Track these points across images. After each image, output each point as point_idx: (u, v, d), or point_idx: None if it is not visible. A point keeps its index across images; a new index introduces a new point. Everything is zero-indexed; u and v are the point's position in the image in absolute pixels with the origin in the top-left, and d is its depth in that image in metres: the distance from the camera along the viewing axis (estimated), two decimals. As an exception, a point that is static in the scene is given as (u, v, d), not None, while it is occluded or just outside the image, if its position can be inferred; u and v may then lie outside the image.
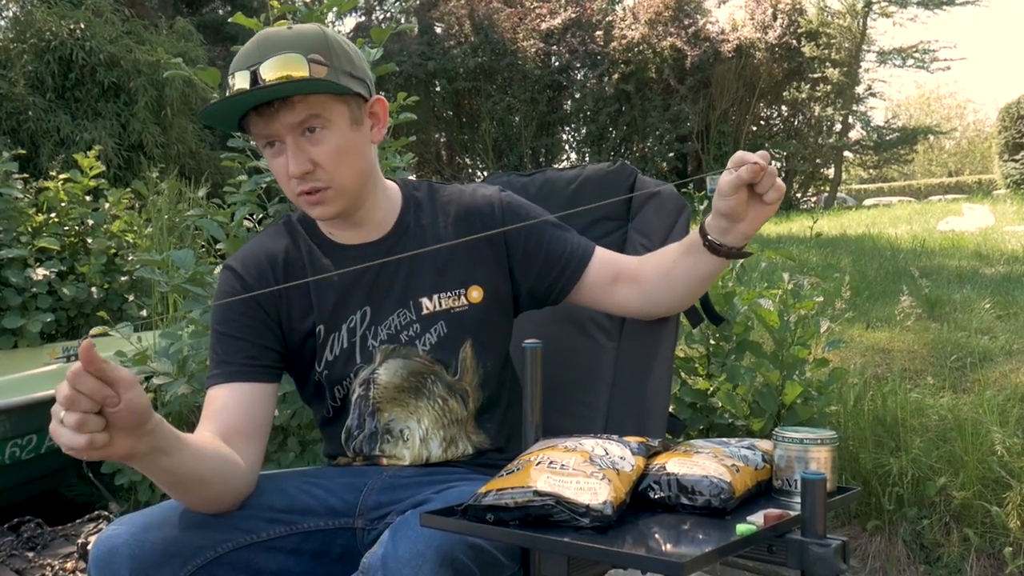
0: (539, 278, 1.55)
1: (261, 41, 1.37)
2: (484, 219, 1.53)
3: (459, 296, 1.51)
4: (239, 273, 1.50)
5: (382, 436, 1.50)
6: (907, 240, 8.34)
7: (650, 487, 1.14)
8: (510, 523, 1.05)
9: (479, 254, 1.52)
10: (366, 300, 1.49)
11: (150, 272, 2.86)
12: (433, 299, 1.50)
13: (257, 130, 1.39)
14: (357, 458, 1.53)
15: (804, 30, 19.97)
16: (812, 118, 21.13)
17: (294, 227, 1.55)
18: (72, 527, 3.36)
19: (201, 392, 2.81)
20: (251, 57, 1.36)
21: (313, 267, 1.50)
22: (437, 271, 1.51)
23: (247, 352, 1.43)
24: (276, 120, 1.36)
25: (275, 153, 1.40)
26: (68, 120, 10.24)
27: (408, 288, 1.50)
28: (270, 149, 1.41)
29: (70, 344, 4.57)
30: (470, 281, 1.51)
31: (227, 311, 1.46)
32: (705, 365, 2.74)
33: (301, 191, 1.41)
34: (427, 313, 1.49)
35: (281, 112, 1.35)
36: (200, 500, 1.28)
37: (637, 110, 19.39)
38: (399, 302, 1.49)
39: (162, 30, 12.12)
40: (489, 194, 1.57)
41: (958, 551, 2.51)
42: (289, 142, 1.38)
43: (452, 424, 1.51)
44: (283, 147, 1.39)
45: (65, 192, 5.37)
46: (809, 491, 1.00)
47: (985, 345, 3.65)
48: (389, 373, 1.48)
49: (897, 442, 2.73)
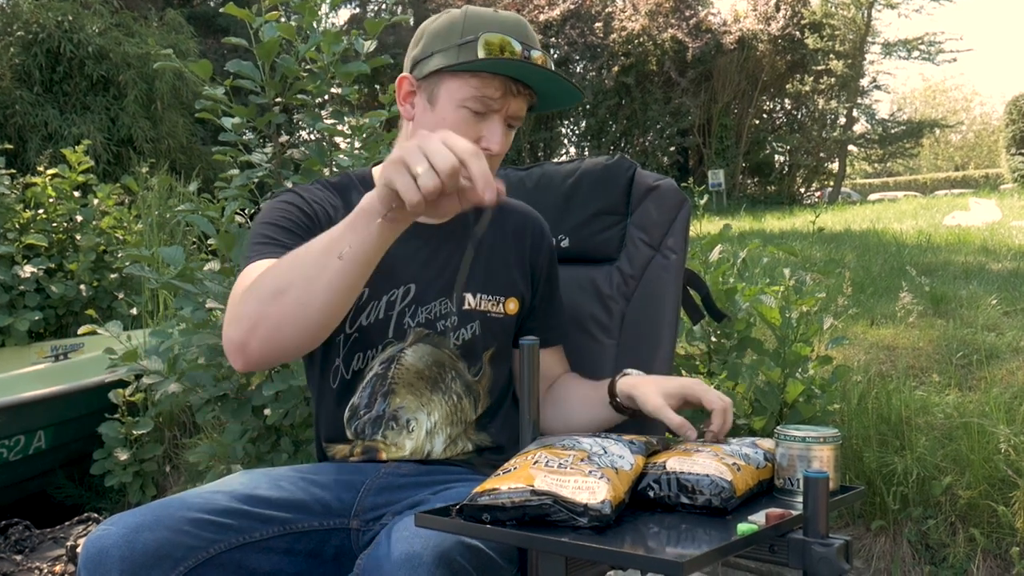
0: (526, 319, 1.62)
1: (519, 23, 1.46)
2: (535, 241, 1.64)
3: (498, 303, 1.56)
4: (302, 195, 1.51)
5: (387, 422, 1.50)
6: (912, 235, 8.35)
7: (649, 486, 1.14)
8: (507, 523, 1.05)
9: (523, 270, 1.60)
10: (413, 278, 1.51)
11: (140, 269, 2.86)
12: (476, 297, 1.54)
13: (489, 93, 1.42)
14: (356, 442, 1.53)
15: (808, 21, 19.99)
16: (816, 111, 21.17)
17: (353, 186, 1.57)
18: (61, 529, 3.37)
19: (192, 390, 2.81)
20: (524, 34, 1.44)
21: None
22: (486, 272, 1.55)
23: (302, 240, 1.32)
24: (510, 99, 1.43)
25: (476, 119, 1.43)
26: (56, 114, 10.23)
27: (456, 279, 1.53)
28: (472, 113, 1.43)
29: (58, 343, 4.57)
30: (511, 292, 1.57)
31: (285, 213, 1.47)
32: (706, 363, 2.74)
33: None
34: (467, 309, 1.53)
35: (520, 97, 1.44)
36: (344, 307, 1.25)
37: (637, 103, 19.40)
38: (443, 291, 1.52)
39: (152, 22, 12.09)
40: (547, 232, 1.68)
41: (964, 552, 2.51)
42: (500, 121, 1.44)
43: (459, 423, 1.52)
44: (486, 119, 1.44)
45: (53, 188, 5.37)
46: (812, 490, 1.00)
47: (991, 342, 3.66)
48: (415, 357, 1.50)
49: (902, 441, 2.73)
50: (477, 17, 1.44)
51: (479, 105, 1.42)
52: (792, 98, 21.17)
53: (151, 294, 4.58)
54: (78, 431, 3.92)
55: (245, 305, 1.25)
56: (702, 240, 2.87)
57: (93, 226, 5.31)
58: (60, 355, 4.35)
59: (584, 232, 1.84)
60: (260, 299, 1.23)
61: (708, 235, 2.91)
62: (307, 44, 2.71)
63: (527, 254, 1.62)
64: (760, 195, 21.14)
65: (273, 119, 2.75)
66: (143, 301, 4.65)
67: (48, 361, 4.31)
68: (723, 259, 2.83)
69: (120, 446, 3.73)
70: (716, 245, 2.82)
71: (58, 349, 4.40)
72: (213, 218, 2.82)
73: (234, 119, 2.73)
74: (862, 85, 21.95)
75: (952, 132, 46.42)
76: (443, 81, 1.44)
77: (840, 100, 20.73)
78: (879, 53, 22.74)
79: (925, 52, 22.46)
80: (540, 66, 1.41)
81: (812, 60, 20.20)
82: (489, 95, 1.42)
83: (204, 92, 2.70)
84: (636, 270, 1.79)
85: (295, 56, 2.75)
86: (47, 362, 4.30)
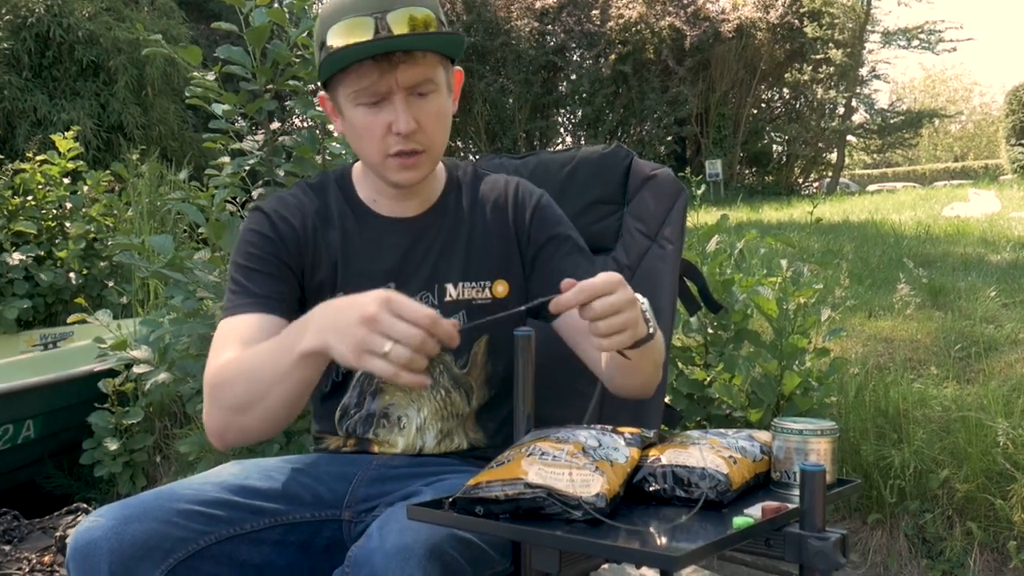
0: (538, 292, 1.51)
1: None
2: (516, 209, 1.55)
3: (484, 288, 1.51)
4: (268, 214, 1.49)
5: (378, 420, 1.50)
6: (911, 227, 8.35)
7: (645, 479, 1.14)
8: (500, 516, 1.05)
9: (508, 247, 1.53)
10: (392, 275, 1.48)
11: (130, 257, 2.85)
12: (458, 287, 1.50)
13: (366, 83, 1.35)
14: (348, 440, 1.53)
15: (807, 9, 19.93)
16: (814, 101, 21.13)
17: (330, 186, 1.55)
18: (50, 519, 3.36)
19: (183, 380, 2.80)
20: (372, 4, 1.33)
21: (343, 230, 1.50)
22: (467, 258, 1.51)
23: (275, 287, 1.43)
24: (394, 74, 1.34)
25: (374, 110, 1.38)
26: (45, 100, 10.17)
27: (435, 271, 1.50)
28: (368, 107, 1.38)
29: (47, 331, 4.57)
30: (497, 274, 1.52)
31: (252, 246, 1.46)
32: (703, 355, 2.75)
33: (398, 151, 1.39)
34: (449, 300, 1.49)
35: (402, 66, 1.34)
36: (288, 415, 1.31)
37: (634, 92, 19.33)
38: (424, 284, 1.49)
39: (143, 7, 12.02)
40: (529, 192, 1.57)
41: (961, 545, 2.52)
42: (400, 98, 1.36)
43: (451, 417, 1.51)
44: (386, 104, 1.37)
45: (42, 174, 5.35)
46: (808, 483, 1.00)
47: (990, 334, 3.66)
48: None
49: (899, 433, 2.74)
50: (328, 9, 1.38)
51: (367, 96, 1.37)
52: (791, 87, 21.11)
53: (141, 282, 4.56)
54: (67, 420, 3.92)
55: (214, 405, 1.32)
56: (699, 230, 2.86)
57: (83, 213, 5.30)
58: (49, 344, 4.34)
59: (580, 222, 1.83)
60: (224, 409, 1.31)
61: (705, 225, 2.90)
62: (298, 29, 2.69)
63: (511, 227, 1.54)
64: (758, 185, 21.12)
65: (264, 106, 2.74)
66: (133, 290, 4.64)
67: (37, 350, 4.31)
68: (720, 250, 2.83)
69: (110, 436, 3.73)
70: (713, 235, 2.82)
71: (47, 337, 4.40)
72: (203, 206, 2.81)
73: (224, 106, 2.72)
74: (861, 74, 21.91)
75: (952, 122, 46.44)
76: (336, 88, 1.41)
77: (839, 90, 20.69)
78: (879, 42, 22.66)
79: (925, 41, 22.40)
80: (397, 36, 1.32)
81: (811, 49, 20.15)
82: (366, 84, 1.36)
83: (193, 78, 2.68)
84: (632, 260, 1.79)
85: (286, 42, 2.74)
86: (36, 351, 4.30)
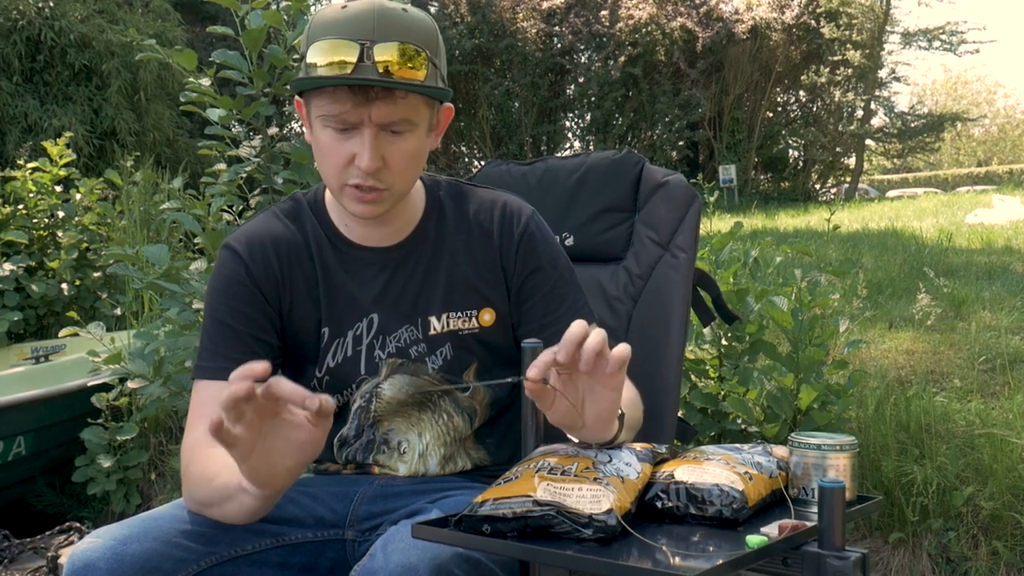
0: (522, 323, 1.51)
1: (378, 14, 1.30)
2: (503, 235, 1.50)
3: (470, 318, 1.49)
4: (240, 255, 1.45)
5: (378, 447, 1.50)
6: (933, 234, 8.34)
7: (657, 496, 1.14)
8: (508, 534, 1.05)
9: (494, 274, 1.50)
10: (373, 308, 1.47)
11: (124, 268, 2.86)
12: (442, 319, 1.48)
13: (337, 110, 1.30)
14: (348, 466, 1.54)
15: (823, 10, 19.95)
16: (832, 104, 21.12)
17: (303, 211, 1.50)
18: (41, 539, 3.37)
19: (179, 395, 2.81)
20: (363, 29, 1.28)
21: (322, 261, 1.48)
22: (449, 287, 1.49)
23: (249, 347, 1.40)
24: (369, 108, 1.29)
25: (341, 137, 1.33)
26: (36, 105, 10.22)
27: (417, 304, 1.48)
28: (336, 131, 1.33)
29: (39, 344, 4.58)
30: (484, 303, 1.50)
31: (226, 296, 1.43)
32: (716, 367, 2.74)
33: (355, 184, 1.34)
34: (433, 334, 1.47)
35: (379, 103, 1.29)
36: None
37: (645, 95, 19.37)
38: (407, 317, 1.47)
39: (137, 9, 12.09)
40: (518, 215, 1.52)
41: (987, 565, 2.51)
42: (369, 134, 1.31)
43: (453, 442, 1.51)
44: (355, 134, 1.32)
45: (33, 182, 5.37)
46: (827, 500, 1.00)
47: (1016, 346, 3.65)
48: (394, 389, 1.48)
49: (921, 449, 2.73)
50: (319, 20, 1.33)
51: (336, 122, 1.32)
52: (807, 90, 21.12)
53: (135, 294, 4.58)
54: (59, 436, 3.92)
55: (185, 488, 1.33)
56: (712, 238, 2.86)
57: (75, 222, 5.31)
58: (41, 357, 4.35)
59: (590, 230, 1.84)
60: (193, 501, 1.32)
61: (719, 233, 2.90)
62: (295, 32, 2.71)
63: (496, 253, 1.50)
64: (773, 191, 21.13)
65: (261, 110, 2.75)
66: (127, 301, 4.65)
67: (28, 363, 4.32)
68: (734, 258, 2.83)
69: (103, 452, 3.73)
70: (727, 244, 2.82)
71: (39, 351, 4.41)
72: (199, 216, 2.83)
73: (220, 111, 2.73)
74: (880, 77, 21.92)
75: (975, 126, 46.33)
76: (309, 101, 1.36)
77: (857, 92, 20.68)
78: (898, 43, 22.69)
79: (947, 42, 22.41)
80: (380, 68, 1.27)
81: (828, 50, 20.17)
82: (337, 112, 1.30)
83: (188, 83, 2.70)
84: (644, 270, 1.79)
85: (283, 45, 2.75)
86: (27, 364, 4.31)
